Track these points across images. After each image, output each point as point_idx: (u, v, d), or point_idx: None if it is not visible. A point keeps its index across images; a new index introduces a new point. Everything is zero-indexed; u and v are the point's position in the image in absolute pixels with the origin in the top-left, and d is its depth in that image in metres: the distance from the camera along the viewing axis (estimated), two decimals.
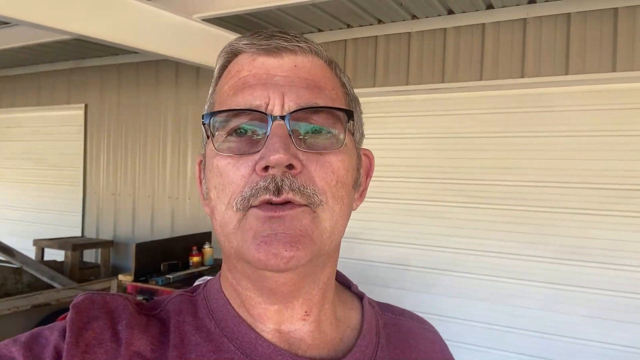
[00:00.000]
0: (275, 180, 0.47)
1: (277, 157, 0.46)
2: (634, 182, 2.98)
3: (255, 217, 0.48)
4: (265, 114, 0.49)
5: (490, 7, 3.27)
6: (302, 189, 0.48)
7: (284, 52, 0.53)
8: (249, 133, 0.51)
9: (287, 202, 0.48)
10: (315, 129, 0.51)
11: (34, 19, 2.46)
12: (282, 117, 0.49)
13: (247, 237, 0.48)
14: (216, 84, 0.57)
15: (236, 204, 0.49)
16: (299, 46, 0.53)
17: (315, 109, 0.50)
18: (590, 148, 3.09)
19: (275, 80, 0.51)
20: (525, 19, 3.22)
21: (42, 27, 2.54)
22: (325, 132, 0.51)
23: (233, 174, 0.49)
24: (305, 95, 0.50)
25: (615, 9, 2.98)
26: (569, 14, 3.11)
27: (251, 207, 0.48)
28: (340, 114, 0.52)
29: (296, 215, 0.48)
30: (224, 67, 0.57)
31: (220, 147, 0.51)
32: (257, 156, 0.48)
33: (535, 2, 3.16)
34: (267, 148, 0.47)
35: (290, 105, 0.49)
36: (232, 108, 0.51)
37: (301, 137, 0.50)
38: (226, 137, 0.51)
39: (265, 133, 0.49)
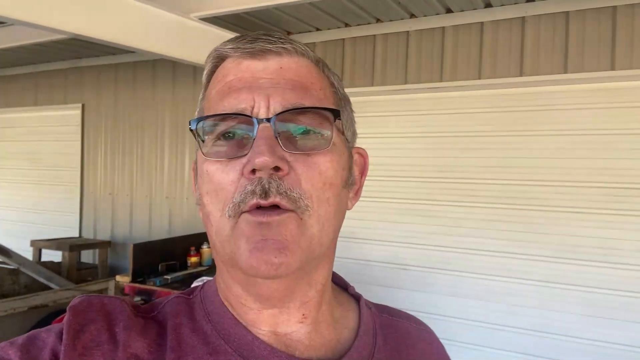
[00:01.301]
0: (262, 183, 0.47)
1: (262, 159, 0.46)
2: (632, 180, 2.98)
3: (247, 222, 0.48)
4: (251, 117, 0.49)
5: (488, 5, 3.27)
6: (288, 192, 0.48)
7: (269, 54, 0.53)
8: (237, 137, 0.51)
9: (274, 206, 0.48)
10: (303, 130, 0.51)
11: (31, 18, 2.45)
12: (268, 120, 0.49)
13: (240, 244, 0.48)
14: (205, 90, 0.58)
15: (228, 210, 0.49)
16: (284, 47, 0.53)
17: (302, 110, 0.50)
18: (589, 146, 3.09)
19: (260, 83, 0.51)
20: (523, 17, 3.22)
21: (39, 26, 2.53)
22: (313, 132, 0.51)
23: (222, 179, 0.50)
24: (291, 97, 0.50)
25: (614, 7, 2.98)
26: (567, 12, 3.11)
27: (242, 212, 0.48)
28: (327, 113, 0.52)
29: (282, 221, 0.48)
30: (211, 73, 0.57)
31: (209, 152, 0.51)
32: (244, 159, 0.49)
33: (533, 1, 3.16)
34: (253, 151, 0.48)
35: (276, 107, 0.50)
36: (217, 113, 0.51)
37: (289, 138, 0.50)
38: (215, 142, 0.51)
39: (252, 136, 0.49)
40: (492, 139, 3.36)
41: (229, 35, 3.44)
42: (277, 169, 0.48)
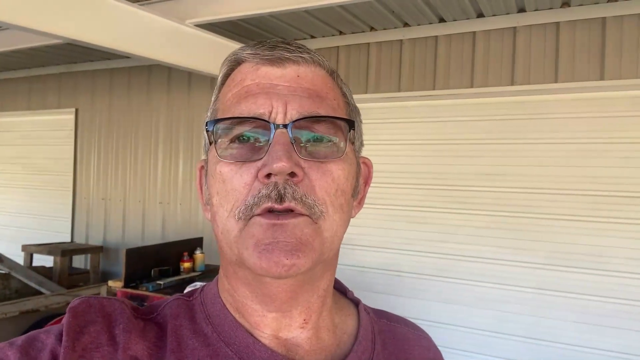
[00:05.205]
0: (277, 187, 0.48)
1: (280, 165, 0.47)
2: (622, 189, 3.02)
3: (258, 224, 0.48)
4: (268, 122, 0.50)
5: (480, 15, 3.32)
6: (303, 198, 0.49)
7: (287, 62, 0.53)
8: (252, 140, 0.51)
9: (288, 210, 0.48)
10: (316, 138, 0.52)
11: (26, 22, 2.45)
12: (285, 126, 0.49)
13: (249, 245, 0.49)
14: (219, 92, 0.58)
15: (239, 212, 0.49)
16: (301, 57, 0.54)
17: (317, 118, 0.51)
18: (579, 155, 3.13)
19: (278, 90, 0.52)
20: (515, 27, 3.27)
21: (34, 31, 2.53)
22: (326, 140, 0.52)
23: (236, 181, 0.50)
24: (308, 105, 0.51)
25: (604, 19, 3.03)
26: (558, 23, 3.15)
27: (253, 215, 0.49)
28: (342, 123, 0.53)
29: (298, 224, 0.48)
30: (227, 76, 0.57)
31: (223, 154, 0.51)
32: (259, 163, 0.49)
33: (525, 11, 3.21)
34: (269, 156, 0.48)
35: (293, 114, 0.50)
36: (235, 116, 0.51)
37: (302, 145, 0.51)
38: (229, 144, 0.52)
39: (268, 141, 0.49)
40: (484, 146, 3.39)
41: (224, 42, 3.46)
42: (292, 174, 0.48)
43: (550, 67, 3.17)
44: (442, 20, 3.44)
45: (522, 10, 3.20)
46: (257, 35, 3.87)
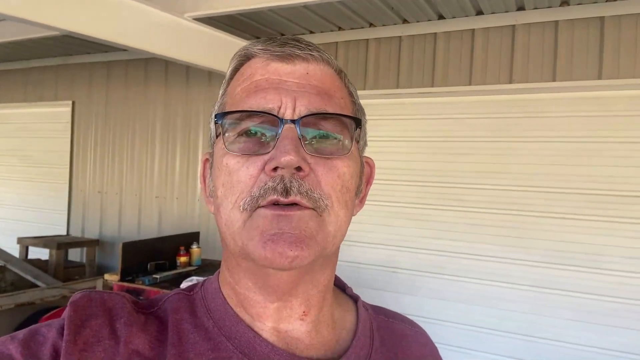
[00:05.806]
0: (283, 181, 0.49)
1: (288, 158, 0.48)
2: (619, 187, 3.03)
3: (263, 216, 0.49)
4: (277, 117, 0.50)
5: (480, 13, 3.32)
6: (309, 192, 0.49)
7: (297, 59, 0.54)
8: (258, 135, 0.52)
9: (293, 204, 0.49)
10: (322, 135, 0.52)
11: (23, 14, 2.43)
12: (293, 121, 0.50)
13: (253, 235, 0.49)
14: (227, 85, 0.58)
15: (244, 204, 0.50)
16: (311, 54, 0.55)
17: (325, 115, 0.52)
18: (576, 154, 3.14)
19: (287, 85, 0.52)
20: (514, 25, 3.27)
21: (31, 22, 2.51)
22: (332, 138, 0.53)
23: (242, 173, 0.51)
24: (316, 102, 0.52)
25: (602, 18, 3.04)
26: (556, 22, 3.16)
27: (258, 207, 0.49)
28: (348, 121, 0.54)
29: (303, 216, 0.49)
30: (236, 70, 0.58)
31: (231, 147, 0.52)
32: (266, 157, 0.50)
33: (524, 9, 3.21)
34: (277, 150, 0.49)
35: (301, 110, 0.51)
36: (245, 110, 0.52)
37: (308, 141, 0.51)
38: (236, 137, 0.52)
39: (275, 135, 0.50)
40: (482, 144, 3.40)
41: (223, 35, 3.45)
42: (299, 169, 0.49)
43: (549, 66, 3.17)
44: (441, 17, 3.43)
45: (521, 8, 3.21)
46: (255, 30, 3.86)
